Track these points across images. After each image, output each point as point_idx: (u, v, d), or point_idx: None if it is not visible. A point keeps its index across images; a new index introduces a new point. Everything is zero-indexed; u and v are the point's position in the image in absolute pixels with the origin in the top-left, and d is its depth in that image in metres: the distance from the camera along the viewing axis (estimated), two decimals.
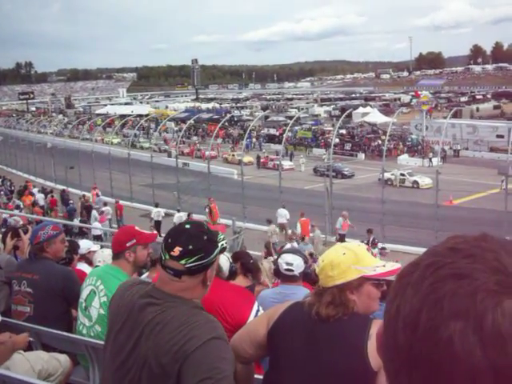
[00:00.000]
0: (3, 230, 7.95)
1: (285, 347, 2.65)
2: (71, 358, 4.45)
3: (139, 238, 4.39)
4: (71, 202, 31.72)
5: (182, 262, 2.44)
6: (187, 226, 2.55)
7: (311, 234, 25.61)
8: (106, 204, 30.56)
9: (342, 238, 24.66)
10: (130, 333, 2.50)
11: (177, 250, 2.44)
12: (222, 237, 2.67)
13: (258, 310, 3.55)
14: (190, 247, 2.44)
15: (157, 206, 30.54)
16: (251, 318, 3.44)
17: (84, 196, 33.58)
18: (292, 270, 5.12)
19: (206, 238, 2.50)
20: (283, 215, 27.63)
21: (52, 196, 34.31)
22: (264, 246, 21.45)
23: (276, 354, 2.73)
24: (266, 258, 18.81)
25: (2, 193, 36.42)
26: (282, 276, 5.32)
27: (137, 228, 4.60)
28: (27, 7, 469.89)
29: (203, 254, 2.45)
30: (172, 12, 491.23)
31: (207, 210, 28.56)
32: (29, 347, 4.36)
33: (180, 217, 29.24)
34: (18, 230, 6.44)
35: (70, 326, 4.64)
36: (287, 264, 5.16)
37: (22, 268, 4.99)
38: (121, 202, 32.04)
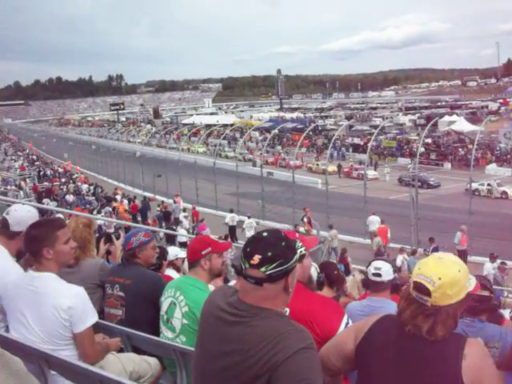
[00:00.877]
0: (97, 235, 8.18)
1: (374, 364, 2.60)
2: (160, 362, 4.57)
3: (214, 246, 4.45)
4: (158, 209, 32.39)
5: (263, 269, 2.43)
6: (265, 234, 2.54)
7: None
8: (184, 210, 31.18)
9: (462, 255, 22.71)
10: (218, 341, 2.54)
11: (256, 258, 2.44)
12: (299, 244, 2.69)
13: (347, 323, 3.46)
14: (269, 254, 2.43)
15: (231, 211, 31.13)
16: (341, 330, 3.35)
17: (163, 202, 34.30)
18: (380, 275, 5.06)
19: (284, 244, 2.48)
20: (375, 222, 27.36)
21: (134, 202, 35.24)
22: (340, 254, 21.48)
23: (365, 371, 2.68)
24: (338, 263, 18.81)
25: (95, 198, 37.70)
26: (371, 284, 5.25)
27: (211, 236, 4.70)
28: (118, 23, 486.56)
29: (282, 260, 2.44)
30: (255, 23, 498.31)
31: (305, 219, 28.49)
32: (120, 349, 4.52)
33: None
34: (111, 236, 6.66)
35: (158, 331, 4.76)
36: (375, 268, 5.10)
37: (114, 273, 5.15)
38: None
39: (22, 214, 4.60)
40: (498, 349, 4.11)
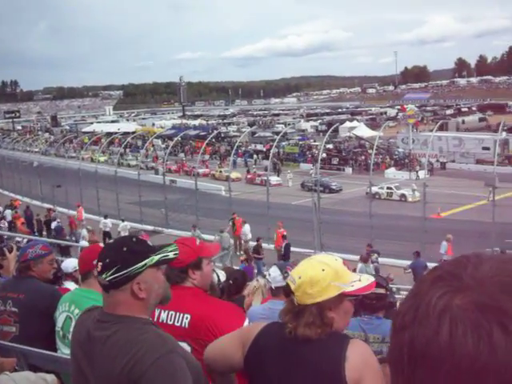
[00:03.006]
0: None
1: (260, 372, 2.59)
2: (58, 378, 4.38)
3: None
4: (59, 220, 31.50)
5: (103, 276, 2.46)
6: (110, 241, 2.69)
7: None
8: (54, 219, 30.58)
9: None
10: (87, 361, 2.49)
11: (99, 266, 2.49)
12: (170, 249, 2.64)
13: None
14: (107, 260, 2.46)
15: (106, 217, 31.37)
16: None
17: (50, 210, 33.53)
18: (269, 282, 5.08)
19: (125, 249, 2.49)
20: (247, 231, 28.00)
21: (16, 212, 34.08)
22: (244, 252, 21.54)
23: (252, 380, 2.67)
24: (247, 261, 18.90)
25: None
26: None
27: (101, 245, 4.56)
28: (13, 25, 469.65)
29: (120, 266, 2.44)
30: (157, 29, 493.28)
31: (231, 223, 28.66)
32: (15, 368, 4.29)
33: (125, 225, 29.32)
34: (3, 249, 6.36)
35: (55, 346, 4.57)
36: (268, 275, 5.14)
37: (7, 287, 4.91)
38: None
39: None
40: None
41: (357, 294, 2.61)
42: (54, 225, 29.47)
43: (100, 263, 2.48)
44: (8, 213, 33.15)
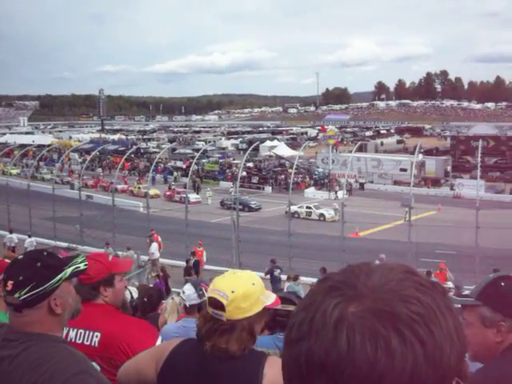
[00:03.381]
0: None
1: None
2: None
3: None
4: None
5: (16, 295, 2.26)
6: (20, 257, 2.45)
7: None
8: None
9: None
10: None
11: (9, 285, 2.28)
12: (79, 260, 2.48)
13: None
14: (21, 278, 2.27)
15: (11, 232, 30.06)
16: None
17: None
18: (184, 300, 5.00)
19: (39, 264, 2.31)
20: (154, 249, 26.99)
21: None
22: (161, 270, 21.20)
23: None
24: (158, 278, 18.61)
25: None
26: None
27: (7, 260, 4.19)
28: None
29: (35, 283, 2.26)
30: (78, 40, 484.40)
31: (148, 240, 27.90)
32: None
33: (31, 242, 28.44)
34: None
35: None
36: (182, 292, 5.05)
37: None
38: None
39: None
40: None
41: (273, 306, 2.65)
42: None
43: (11, 281, 2.27)
44: None
